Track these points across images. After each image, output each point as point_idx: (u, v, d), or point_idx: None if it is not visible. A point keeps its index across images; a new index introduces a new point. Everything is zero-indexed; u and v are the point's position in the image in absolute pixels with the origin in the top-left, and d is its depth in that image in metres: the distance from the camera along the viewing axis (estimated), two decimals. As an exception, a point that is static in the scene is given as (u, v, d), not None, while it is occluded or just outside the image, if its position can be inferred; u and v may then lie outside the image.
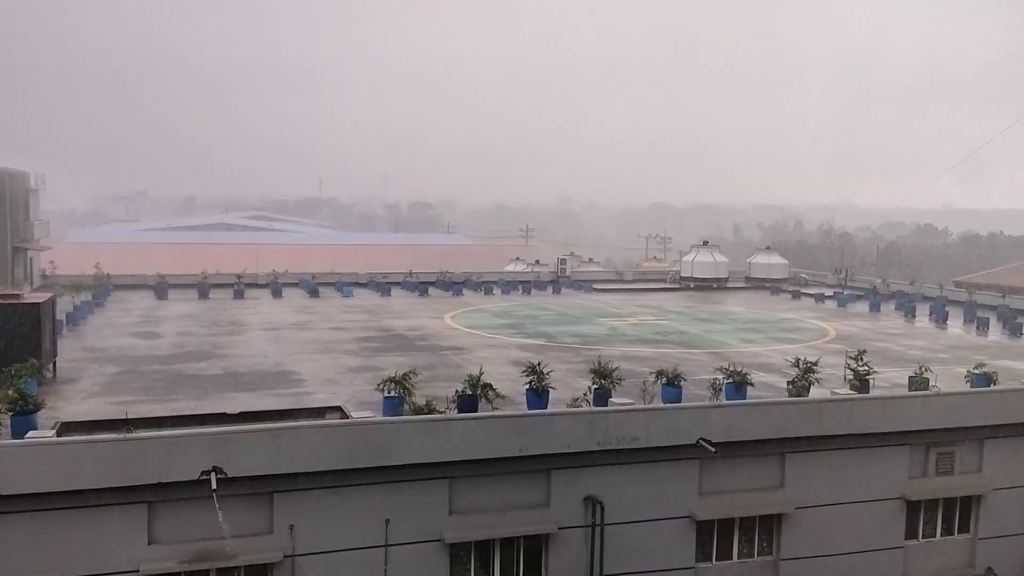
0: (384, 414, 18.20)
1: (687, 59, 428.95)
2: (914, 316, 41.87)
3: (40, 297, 23.55)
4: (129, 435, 15.03)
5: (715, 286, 55.70)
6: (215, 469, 15.02)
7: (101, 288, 43.64)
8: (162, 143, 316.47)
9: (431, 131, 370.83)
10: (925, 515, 20.50)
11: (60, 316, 29.62)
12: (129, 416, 17.60)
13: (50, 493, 14.54)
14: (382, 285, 49.26)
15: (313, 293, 46.79)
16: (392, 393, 18.56)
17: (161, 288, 45.29)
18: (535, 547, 17.28)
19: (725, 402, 19.86)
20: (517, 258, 68.82)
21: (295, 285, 49.65)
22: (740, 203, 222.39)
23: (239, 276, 48.39)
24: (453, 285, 50.72)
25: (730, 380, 20.69)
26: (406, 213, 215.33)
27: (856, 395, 20.57)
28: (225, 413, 18.50)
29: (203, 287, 45.78)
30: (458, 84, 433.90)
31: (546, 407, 18.91)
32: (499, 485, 16.87)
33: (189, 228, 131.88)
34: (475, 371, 19.58)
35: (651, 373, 20.99)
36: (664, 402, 19.93)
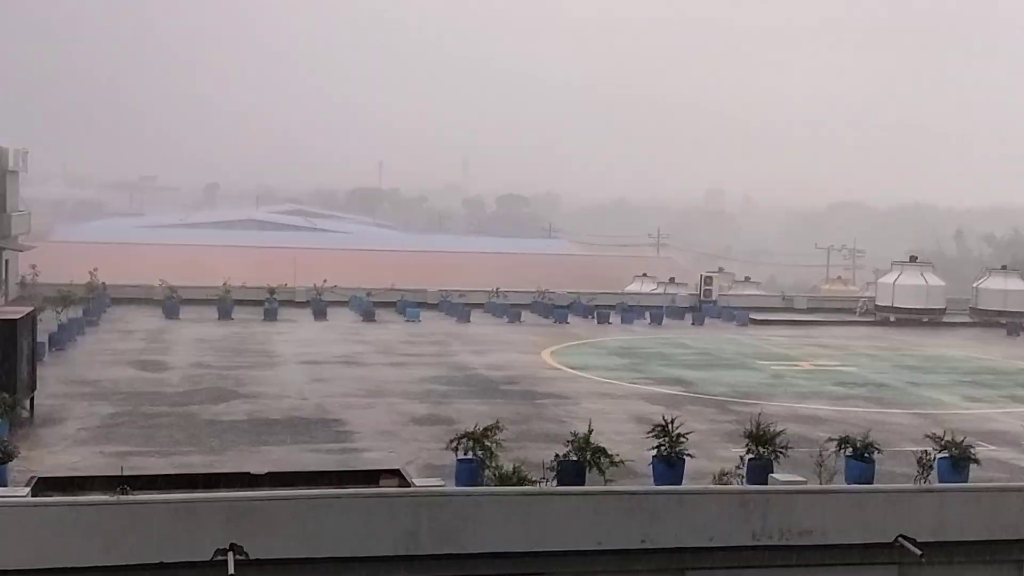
0: (458, 482, 18.16)
1: (879, 20, 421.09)
2: None
3: (17, 312, 24.42)
4: (125, 497, 15.24)
5: (926, 320, 54.19)
6: (233, 548, 15.07)
7: (95, 301, 45.06)
8: (177, 118, 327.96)
9: (525, 108, 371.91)
10: None
11: (41, 337, 30.30)
12: (125, 473, 17.85)
13: (19, 571, 14.69)
14: (458, 307, 49.66)
15: (367, 316, 47.46)
16: (469, 454, 18.52)
17: (171, 304, 46.53)
18: (661, 676, 16.96)
19: (937, 485, 19.13)
20: (644, 274, 68.64)
21: (344, 304, 50.39)
22: (961, 205, 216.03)
23: (271, 291, 49.20)
24: (555, 310, 50.73)
25: (945, 454, 19.94)
26: (492, 210, 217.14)
27: None
28: (249, 473, 18.75)
29: (225, 304, 46.95)
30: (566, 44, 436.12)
31: (680, 482, 18.62)
32: (614, 588, 16.58)
33: (209, 225, 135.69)
34: (583, 429, 19.29)
35: (831, 440, 20.41)
36: (849, 482, 19.37)
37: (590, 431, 19.02)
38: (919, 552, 17.03)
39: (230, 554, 14.96)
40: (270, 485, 18.00)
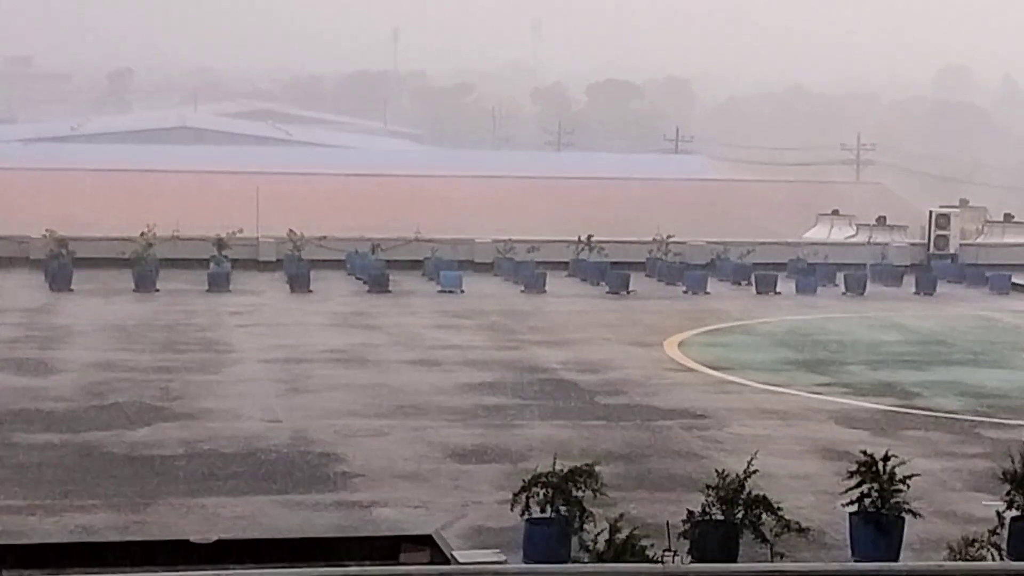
0: (527, 555, 15.43)
1: None
2: None
3: None
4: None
5: None
6: None
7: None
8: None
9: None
10: None
11: None
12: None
13: None
14: (527, 268, 41.83)
15: (376, 284, 39.89)
16: (546, 511, 15.50)
17: (59, 267, 39.15)
18: None
19: None
20: (835, 212, 57.90)
21: (338, 265, 43.17)
22: None
23: (220, 244, 41.47)
24: (686, 272, 42.67)
25: None
26: (582, 107, 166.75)
27: None
28: (188, 542, 15.90)
29: (145, 266, 39.25)
30: None
31: (896, 557, 15.25)
32: None
33: (118, 137, 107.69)
34: (733, 466, 16.33)
35: None
36: None
37: (747, 471, 15.56)
38: None
39: None
40: (221, 561, 15.31)
